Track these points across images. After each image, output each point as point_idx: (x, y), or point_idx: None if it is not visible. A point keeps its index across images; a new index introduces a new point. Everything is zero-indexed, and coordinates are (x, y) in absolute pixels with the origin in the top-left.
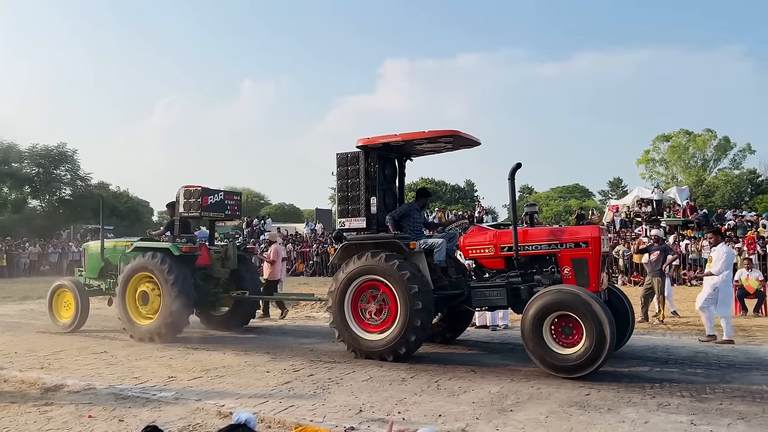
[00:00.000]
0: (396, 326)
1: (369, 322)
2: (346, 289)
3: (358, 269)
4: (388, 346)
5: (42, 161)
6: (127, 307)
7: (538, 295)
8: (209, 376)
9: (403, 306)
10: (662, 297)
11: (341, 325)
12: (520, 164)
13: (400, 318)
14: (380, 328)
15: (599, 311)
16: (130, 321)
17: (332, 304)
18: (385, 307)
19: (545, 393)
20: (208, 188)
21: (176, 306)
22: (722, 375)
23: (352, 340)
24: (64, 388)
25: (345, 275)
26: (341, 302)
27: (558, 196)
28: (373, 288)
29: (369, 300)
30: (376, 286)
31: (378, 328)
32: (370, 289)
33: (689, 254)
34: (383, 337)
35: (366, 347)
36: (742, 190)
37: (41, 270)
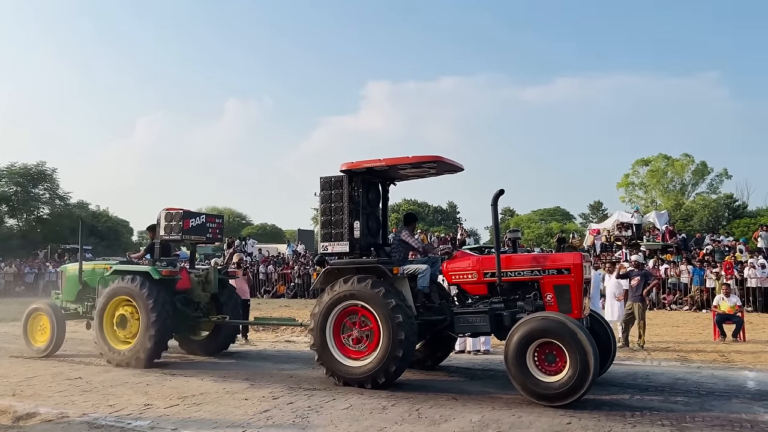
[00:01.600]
0: (377, 354)
1: (350, 348)
2: (328, 314)
3: (343, 294)
4: (367, 374)
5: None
6: (104, 331)
7: (523, 322)
8: (186, 403)
9: (386, 335)
10: (643, 323)
11: (322, 349)
12: (503, 191)
13: (381, 346)
14: (361, 354)
15: (584, 340)
16: (107, 345)
17: (314, 327)
18: (367, 334)
19: (526, 422)
20: (189, 211)
21: (155, 330)
22: (702, 403)
23: (331, 365)
24: (37, 416)
25: (329, 299)
26: (323, 326)
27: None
28: (356, 314)
29: (351, 326)
30: (359, 312)
31: (359, 354)
32: (353, 315)
33: (668, 278)
34: (364, 364)
35: (346, 373)
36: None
37: (16, 291)
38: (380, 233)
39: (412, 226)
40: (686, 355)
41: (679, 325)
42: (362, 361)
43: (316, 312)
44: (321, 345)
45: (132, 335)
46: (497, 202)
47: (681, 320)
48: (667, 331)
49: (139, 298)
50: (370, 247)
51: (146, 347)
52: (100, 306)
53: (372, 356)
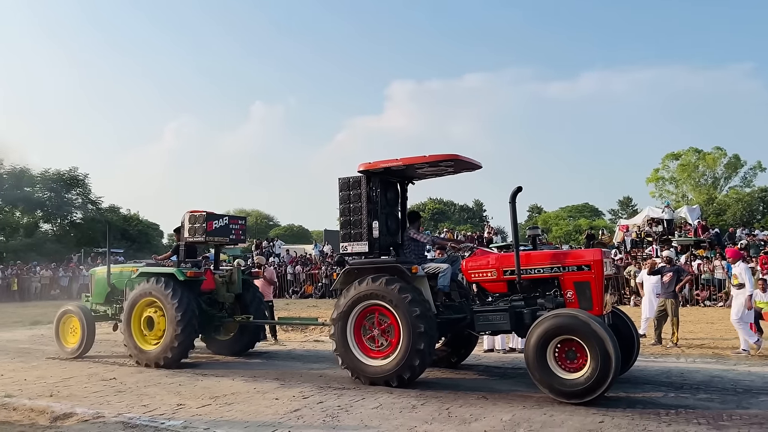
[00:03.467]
0: (399, 351)
1: (372, 348)
2: (348, 315)
3: (360, 294)
4: (392, 372)
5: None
6: (132, 332)
7: (542, 319)
8: (218, 403)
9: (406, 330)
10: (676, 319)
11: (344, 351)
12: (521, 188)
13: (403, 342)
14: (384, 354)
15: (605, 337)
16: (135, 346)
17: (335, 332)
18: (388, 332)
19: (558, 420)
20: (212, 213)
21: (181, 330)
22: (739, 401)
23: (355, 367)
24: (73, 416)
25: (347, 301)
26: (344, 329)
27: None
28: (376, 313)
29: (372, 326)
30: (379, 311)
31: (382, 353)
32: (373, 314)
33: (701, 274)
34: (387, 362)
35: (370, 373)
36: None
37: (52, 294)
38: (399, 233)
39: (417, 223)
40: (722, 353)
41: (714, 322)
42: (385, 360)
43: (336, 315)
44: (343, 347)
45: (159, 336)
46: (515, 199)
47: (716, 317)
48: (701, 328)
49: (165, 300)
50: (390, 247)
51: (173, 347)
52: (127, 308)
53: (394, 353)
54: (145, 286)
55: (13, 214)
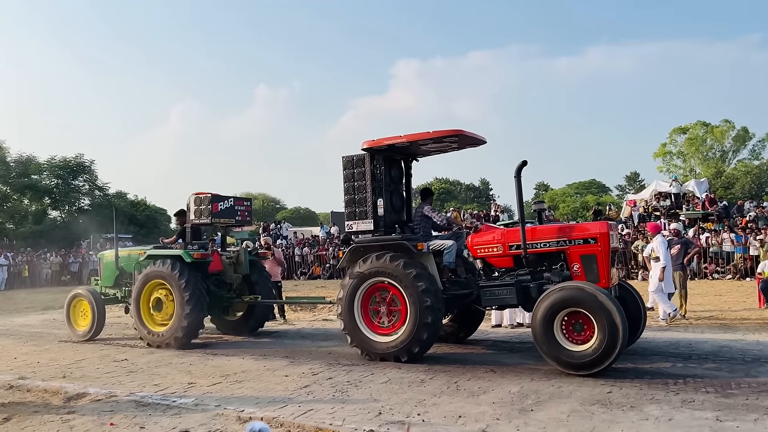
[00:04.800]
0: (407, 326)
1: (380, 324)
2: (354, 293)
3: (366, 272)
4: (401, 346)
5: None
6: (141, 314)
7: (549, 292)
8: (228, 381)
9: (413, 305)
10: (684, 292)
11: (352, 329)
12: (526, 162)
13: (410, 317)
14: (392, 330)
15: (611, 308)
16: (145, 327)
17: (341, 310)
18: (395, 308)
19: (566, 391)
20: (218, 195)
21: (189, 311)
22: (747, 369)
23: (364, 344)
24: (86, 396)
25: (352, 279)
26: (351, 306)
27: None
28: (382, 290)
29: (379, 302)
30: (385, 288)
31: (389, 330)
32: (380, 292)
33: (710, 247)
34: (396, 338)
35: (379, 350)
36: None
37: (62, 280)
38: (404, 210)
39: (429, 200)
40: (730, 324)
41: (722, 294)
42: (394, 336)
43: (343, 294)
44: (351, 325)
45: (168, 317)
46: (520, 173)
47: (724, 289)
48: (710, 300)
49: (173, 281)
50: (395, 225)
51: (182, 328)
52: (136, 290)
53: (402, 329)
54: (153, 269)
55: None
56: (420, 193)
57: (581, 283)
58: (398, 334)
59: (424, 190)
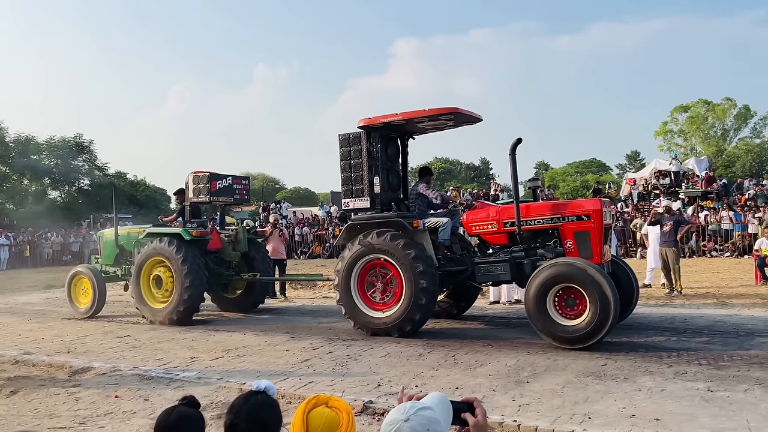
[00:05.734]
0: (401, 304)
1: (375, 300)
2: (352, 268)
3: (364, 249)
4: (394, 323)
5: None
6: (141, 291)
7: (542, 268)
8: (230, 356)
9: (408, 284)
10: (677, 268)
11: (348, 303)
12: (521, 139)
13: (405, 296)
14: (386, 306)
15: (603, 284)
16: (145, 304)
17: (339, 283)
18: (390, 285)
19: (561, 364)
20: (216, 173)
21: (189, 288)
22: (740, 343)
23: (359, 318)
24: (91, 370)
25: (351, 254)
26: (347, 281)
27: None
28: (379, 267)
29: (375, 279)
30: (381, 265)
31: (384, 306)
32: (376, 268)
33: (708, 225)
34: (389, 314)
35: (373, 324)
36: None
37: (64, 259)
38: (401, 188)
39: (427, 179)
40: (726, 300)
41: (720, 271)
42: (388, 312)
43: (340, 268)
44: (347, 299)
45: (168, 294)
46: (515, 151)
47: (722, 266)
48: (707, 277)
49: (172, 259)
50: (391, 202)
51: (182, 304)
52: (136, 268)
53: (396, 306)
54: (153, 246)
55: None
56: (418, 171)
57: (572, 258)
58: (392, 311)
59: (422, 168)
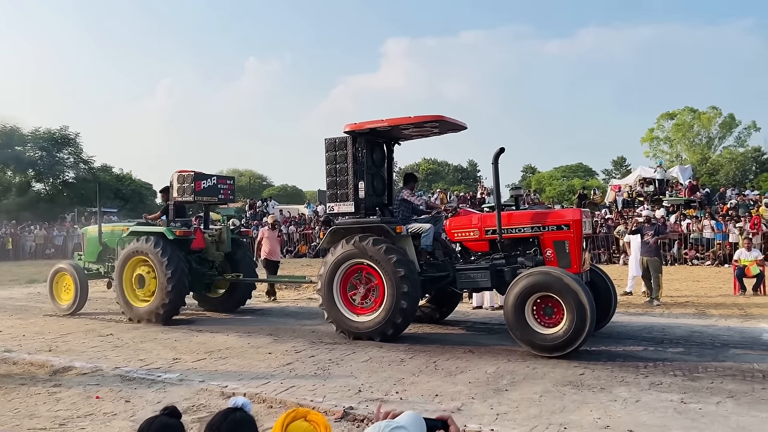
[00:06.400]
0: (383, 308)
1: (357, 304)
2: (334, 273)
3: (347, 253)
4: (375, 328)
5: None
6: (124, 289)
7: (521, 276)
8: (213, 357)
9: (390, 289)
10: (659, 277)
11: (330, 306)
12: (503, 149)
13: (387, 300)
14: (368, 310)
15: (580, 293)
16: (127, 303)
17: (321, 287)
18: (372, 289)
19: (540, 373)
20: (201, 173)
21: (171, 288)
22: (716, 354)
23: (340, 322)
24: (72, 370)
25: (334, 259)
26: (330, 285)
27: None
28: (361, 271)
29: (357, 283)
30: (364, 270)
31: (366, 310)
32: (359, 273)
33: (691, 233)
34: (371, 318)
35: (354, 328)
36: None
37: (47, 253)
38: (385, 193)
39: (411, 185)
40: (705, 309)
41: (700, 280)
42: (370, 316)
43: (323, 272)
44: (329, 303)
45: (150, 293)
46: (498, 160)
47: (702, 275)
48: (687, 286)
49: (155, 258)
50: (375, 207)
51: (164, 304)
52: (118, 266)
53: (379, 310)
54: (136, 245)
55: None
56: (403, 178)
57: (549, 267)
58: (374, 315)
59: (407, 174)
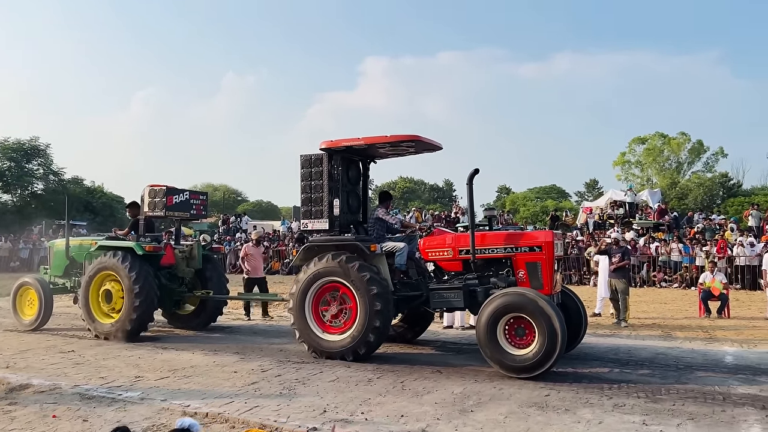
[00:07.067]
0: (356, 327)
1: (329, 323)
2: (306, 291)
3: (319, 271)
4: (348, 347)
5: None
6: (90, 305)
7: (493, 297)
8: (176, 376)
9: (363, 307)
10: (626, 299)
11: (302, 326)
12: (478, 170)
13: (359, 319)
14: (341, 329)
15: (551, 315)
16: (92, 319)
17: (293, 306)
18: (345, 308)
19: (506, 393)
20: (173, 188)
21: (139, 305)
22: (678, 376)
23: (312, 341)
24: (30, 387)
25: (306, 277)
26: (302, 303)
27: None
28: (334, 290)
29: (330, 302)
30: (337, 288)
31: (338, 329)
32: (331, 291)
33: (659, 256)
34: (343, 337)
35: (326, 348)
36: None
37: (11, 266)
38: (360, 211)
39: (386, 204)
40: (670, 332)
41: (667, 303)
42: (342, 335)
43: (294, 291)
44: (301, 322)
45: (117, 309)
46: (472, 181)
47: (669, 297)
48: (655, 308)
49: (123, 273)
50: (350, 225)
51: (131, 321)
52: (85, 281)
53: (351, 329)
54: (104, 260)
55: None
56: (378, 196)
57: (524, 289)
58: (346, 334)
59: (382, 193)
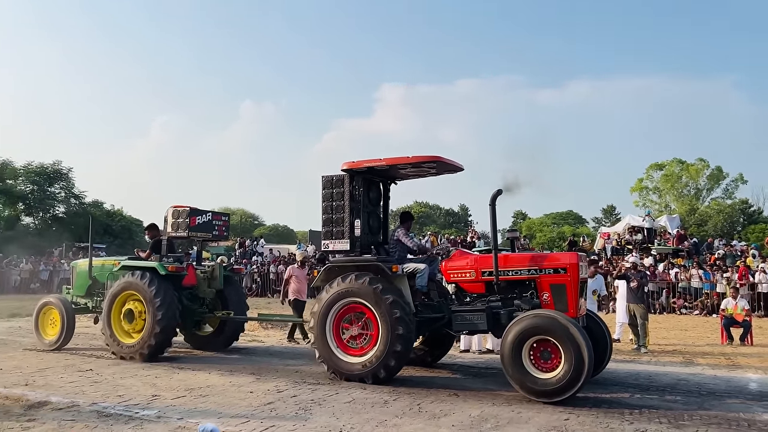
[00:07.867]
0: (377, 350)
1: (350, 344)
2: (328, 311)
3: (341, 292)
4: (367, 370)
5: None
6: (112, 324)
7: (516, 320)
8: (193, 395)
9: (385, 330)
10: (645, 324)
11: (322, 346)
12: (501, 191)
13: (381, 342)
14: (361, 351)
15: (576, 334)
16: (114, 338)
17: (314, 325)
18: (366, 330)
19: (525, 417)
20: (196, 208)
21: (160, 325)
22: (701, 402)
23: (332, 362)
24: (48, 405)
25: (328, 297)
26: (323, 324)
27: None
28: (356, 311)
29: (351, 323)
30: (358, 309)
31: (359, 351)
32: (352, 312)
33: (678, 282)
34: (364, 360)
35: (346, 369)
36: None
37: (31, 288)
38: (381, 232)
39: (407, 225)
40: (691, 358)
41: (688, 329)
42: (362, 357)
43: (316, 310)
44: (321, 342)
45: (138, 329)
46: (495, 201)
47: (690, 324)
48: (675, 334)
49: (146, 293)
50: (371, 246)
51: (152, 341)
52: (108, 300)
53: (371, 352)
54: (127, 280)
55: None
56: (399, 217)
57: (554, 312)
58: (367, 356)
59: (404, 213)
